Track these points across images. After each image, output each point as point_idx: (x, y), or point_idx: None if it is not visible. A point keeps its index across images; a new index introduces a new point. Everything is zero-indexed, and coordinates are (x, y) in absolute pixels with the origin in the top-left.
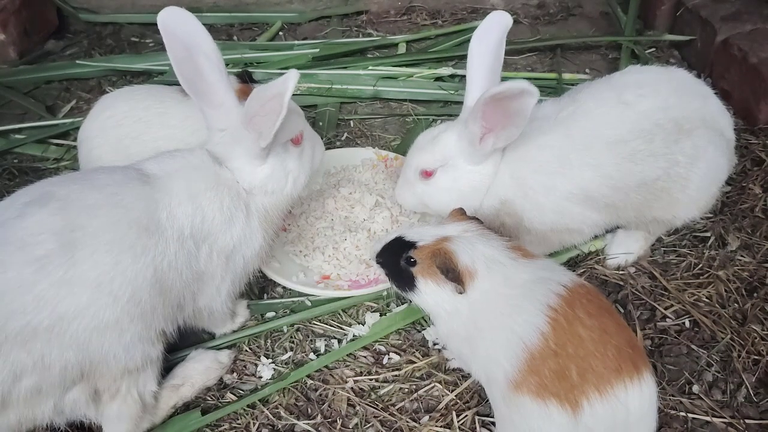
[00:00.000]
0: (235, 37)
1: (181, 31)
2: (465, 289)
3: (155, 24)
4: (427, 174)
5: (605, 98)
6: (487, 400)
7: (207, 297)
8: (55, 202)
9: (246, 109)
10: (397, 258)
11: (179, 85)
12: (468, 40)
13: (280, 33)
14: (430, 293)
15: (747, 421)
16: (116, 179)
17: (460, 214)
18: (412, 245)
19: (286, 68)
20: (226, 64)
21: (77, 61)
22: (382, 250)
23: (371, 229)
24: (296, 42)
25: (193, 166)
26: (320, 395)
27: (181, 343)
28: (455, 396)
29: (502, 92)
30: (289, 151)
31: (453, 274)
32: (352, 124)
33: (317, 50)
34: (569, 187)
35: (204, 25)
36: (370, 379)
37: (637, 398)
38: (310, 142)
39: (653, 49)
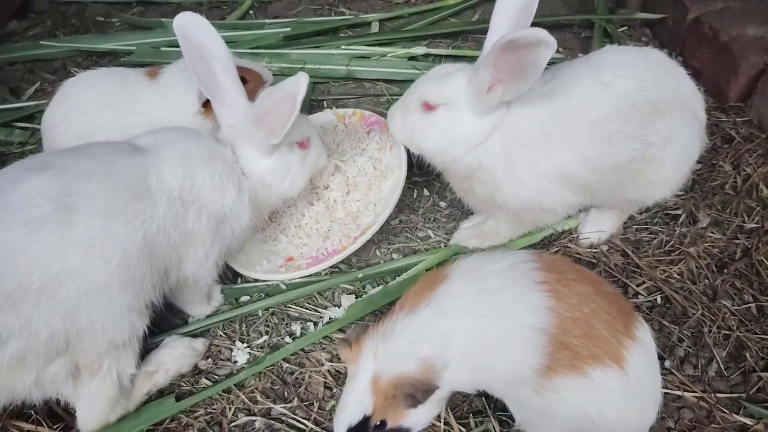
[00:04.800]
0: (203, 16)
1: (195, 35)
2: (438, 384)
3: (121, 3)
4: (428, 107)
5: (585, 78)
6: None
7: (194, 263)
8: (52, 169)
9: (256, 108)
10: None
11: (145, 66)
12: (442, 19)
13: (250, 12)
14: (421, 416)
15: (718, 395)
16: (109, 150)
17: (347, 349)
18: (366, 420)
19: (257, 48)
20: None
21: (41, 42)
22: None
23: (330, 198)
24: (267, 21)
25: (189, 136)
26: (296, 379)
27: (155, 330)
28: None
29: (517, 39)
30: (294, 152)
31: (423, 392)
32: (325, 105)
33: (288, 29)
34: (549, 166)
35: (172, 3)
36: None
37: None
38: (315, 150)
39: (625, 28)
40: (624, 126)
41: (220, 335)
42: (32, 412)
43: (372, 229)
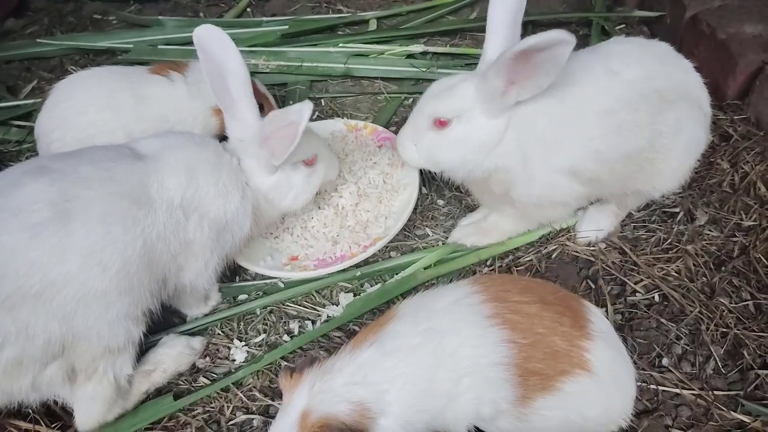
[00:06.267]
0: (201, 14)
1: (213, 48)
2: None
3: (118, 0)
4: (441, 123)
5: (593, 66)
6: None
7: (193, 272)
8: (52, 174)
9: (262, 128)
10: None
11: (141, 64)
12: (440, 17)
13: (248, 9)
14: None
15: (716, 392)
16: (110, 155)
17: (287, 377)
18: None
19: (255, 45)
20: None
21: (38, 40)
22: None
23: (339, 205)
24: (264, 18)
25: (195, 142)
26: None
27: (153, 328)
28: None
29: (535, 45)
30: (299, 170)
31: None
32: (323, 103)
33: (286, 27)
34: (560, 159)
35: (169, 0)
36: None
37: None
38: (324, 164)
39: (623, 26)
40: (633, 115)
41: (218, 334)
42: (30, 411)
43: (383, 240)
